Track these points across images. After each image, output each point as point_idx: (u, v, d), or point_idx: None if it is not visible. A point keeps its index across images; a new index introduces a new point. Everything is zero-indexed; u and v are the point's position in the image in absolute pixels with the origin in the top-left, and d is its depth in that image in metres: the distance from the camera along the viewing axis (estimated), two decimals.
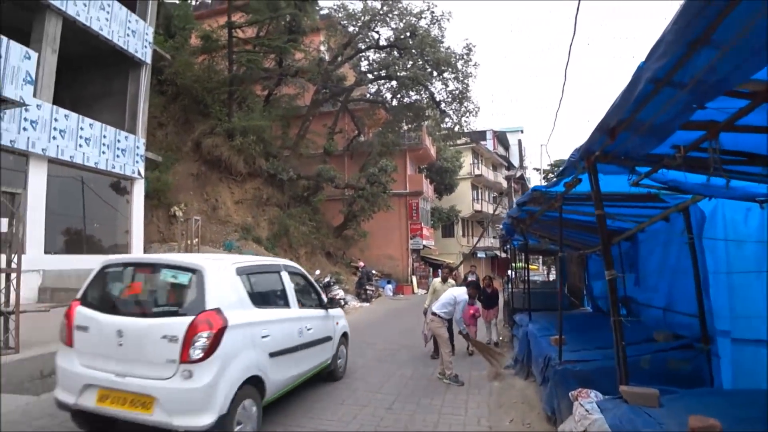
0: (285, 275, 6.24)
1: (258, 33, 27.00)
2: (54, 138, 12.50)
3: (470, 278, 14.12)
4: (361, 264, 22.82)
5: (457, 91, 26.39)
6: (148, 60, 16.23)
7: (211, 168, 23.42)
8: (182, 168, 22.66)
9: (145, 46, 16.04)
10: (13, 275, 6.28)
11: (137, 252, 15.25)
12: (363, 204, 25.94)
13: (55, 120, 12.59)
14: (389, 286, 27.37)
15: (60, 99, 14.11)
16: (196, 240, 19.93)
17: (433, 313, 8.03)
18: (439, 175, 39.54)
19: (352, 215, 27.07)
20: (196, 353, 4.18)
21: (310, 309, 6.68)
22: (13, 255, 6.30)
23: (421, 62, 25.44)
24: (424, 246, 33.53)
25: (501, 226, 11.83)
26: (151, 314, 4.59)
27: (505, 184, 51.61)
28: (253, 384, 4.75)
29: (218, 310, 4.44)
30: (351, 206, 26.97)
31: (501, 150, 56.46)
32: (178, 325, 4.25)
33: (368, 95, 30.71)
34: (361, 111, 30.85)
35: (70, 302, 4.93)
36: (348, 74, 29.49)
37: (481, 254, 44.59)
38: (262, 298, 5.46)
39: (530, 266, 27.96)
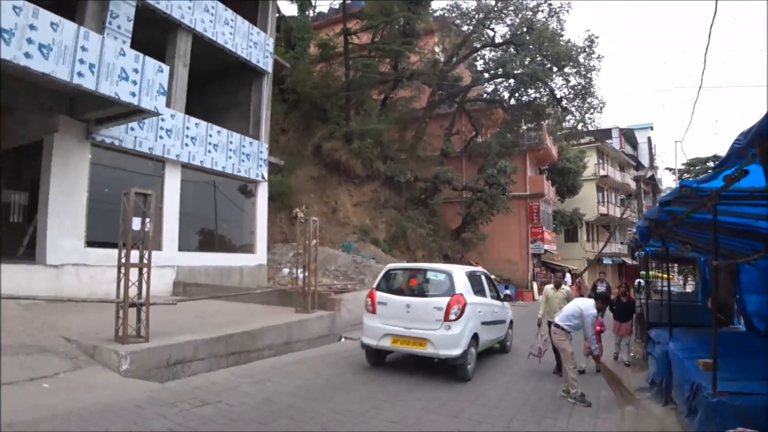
0: (483, 277, 9.67)
1: (373, 38, 27.36)
2: (186, 145, 13.32)
3: (599, 288, 12.64)
4: (479, 267, 22.11)
5: (579, 87, 24.88)
6: (269, 69, 16.86)
7: (330, 171, 23.99)
8: (303, 172, 23.43)
9: (266, 57, 16.67)
10: (145, 270, 6.57)
11: (261, 250, 15.89)
12: (481, 206, 25.29)
13: (187, 128, 13.42)
14: (508, 292, 26.38)
15: (192, 110, 15.14)
16: (315, 241, 20.46)
17: (556, 325, 7.27)
18: (561, 176, 37.58)
19: (471, 218, 26.48)
20: (452, 316, 7.48)
21: (495, 300, 9.77)
22: (144, 251, 6.59)
23: (539, 58, 24.29)
24: (546, 250, 32.04)
25: (634, 230, 10.61)
26: (426, 295, 8.08)
27: (633, 185, 48.32)
28: (474, 338, 7.88)
29: (461, 294, 7.75)
30: (469, 208, 26.42)
31: (628, 149, 52.90)
32: (442, 301, 7.62)
33: (485, 95, 29.88)
34: (479, 111, 30.15)
35: (370, 290, 8.55)
36: (464, 74, 28.94)
37: (607, 260, 41.89)
38: (475, 290, 8.64)
39: (663, 275, 25.30)
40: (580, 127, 26.33)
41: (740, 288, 9.51)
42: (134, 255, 6.58)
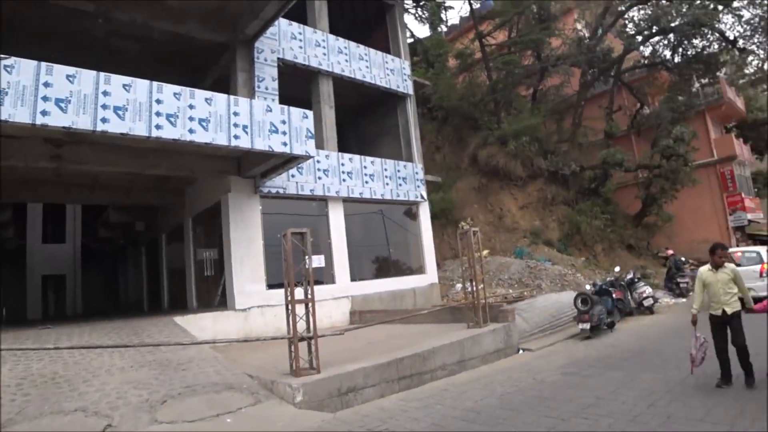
0: None
1: (509, 34, 26.68)
2: (344, 180, 14.13)
3: None
4: (670, 252, 20.00)
5: (756, 19, 21.50)
6: (410, 91, 17.24)
7: (490, 178, 23.61)
8: (463, 184, 23.41)
9: (405, 80, 17.10)
10: (311, 304, 7.00)
11: (430, 269, 16.14)
12: (662, 184, 22.76)
13: (342, 165, 14.24)
14: None
15: (347, 145, 16.19)
16: (480, 251, 20.14)
17: None
18: (755, 130, 32.65)
19: (651, 199, 23.99)
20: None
21: None
22: (308, 287, 7.04)
23: (698, 1, 21.48)
24: (750, 221, 27.83)
25: None
26: None
27: None
28: None
29: None
30: (648, 189, 23.99)
31: None
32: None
33: (643, 60, 27.23)
34: (639, 81, 27.53)
35: None
36: (614, 45, 26.68)
37: None
38: None
39: None
40: (766, 66, 22.53)
41: None
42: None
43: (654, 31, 23.66)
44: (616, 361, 8.78)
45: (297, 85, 14.36)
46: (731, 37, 22.73)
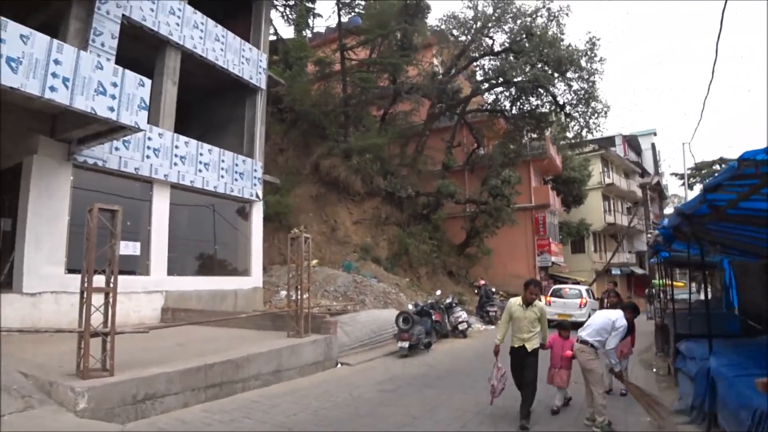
0: None
1: (371, 54, 27.08)
2: (175, 164, 12.82)
3: (608, 300, 11.80)
4: (482, 282, 21.52)
5: (582, 91, 24.31)
6: (263, 86, 16.42)
7: (329, 189, 23.48)
8: (302, 191, 22.96)
9: (260, 73, 16.26)
10: (112, 294, 6.00)
11: (256, 272, 15.33)
12: (486, 219, 24.65)
13: (176, 147, 12.93)
14: None
15: (188, 127, 14.81)
16: (308, 260, 19.81)
17: (583, 341, 6.37)
18: (566, 186, 36.82)
19: (475, 232, 25.80)
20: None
21: None
22: (111, 274, 6.03)
23: (540, 65, 23.73)
24: (553, 263, 31.21)
25: (656, 232, 9.57)
26: None
27: (639, 192, 47.65)
28: None
29: None
30: (473, 222, 25.78)
31: (632, 156, 52.24)
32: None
33: (485, 105, 29.38)
34: (480, 123, 29.65)
35: None
36: (463, 86, 28.46)
37: (616, 271, 41.09)
38: None
39: (675, 283, 24.75)
40: (584, 133, 25.56)
41: None
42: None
43: (499, 81, 25.53)
44: (431, 380, 8.93)
45: (141, 51, 12.84)
46: (561, 102, 25.36)
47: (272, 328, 10.47)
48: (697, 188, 49.49)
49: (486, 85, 26.99)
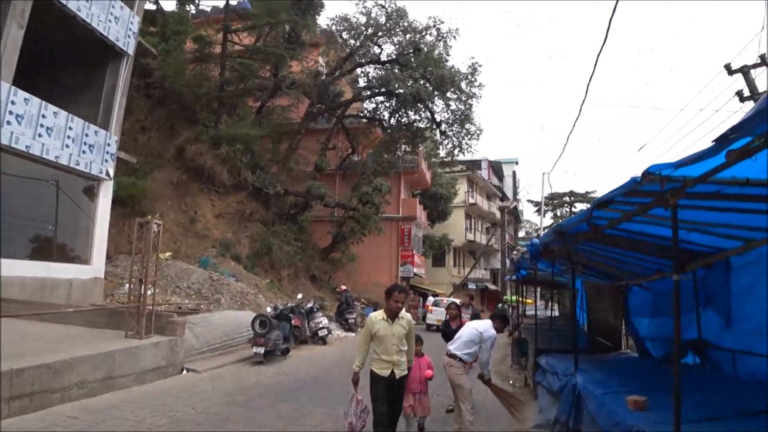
0: None
1: (255, 42, 25.74)
2: (9, 123, 10.82)
3: (465, 314, 11.75)
4: (343, 287, 21.27)
5: (459, 112, 24.93)
6: (131, 51, 14.67)
7: (192, 177, 21.78)
8: (162, 175, 21.04)
9: (129, 36, 14.50)
10: None
11: (98, 261, 13.56)
12: (353, 225, 24.39)
13: (12, 103, 10.90)
14: None
15: (35, 87, 12.51)
16: (169, 254, 18.27)
17: (452, 355, 6.05)
18: (433, 201, 38.02)
19: (341, 237, 25.46)
20: None
21: None
22: None
23: (423, 81, 23.98)
24: (415, 274, 31.85)
25: (523, 248, 9.57)
26: None
27: (498, 214, 50.51)
28: None
29: None
30: (340, 227, 25.43)
31: (495, 180, 55.40)
32: None
33: (365, 112, 29.20)
34: (357, 129, 29.46)
35: None
36: (345, 90, 28.08)
37: (471, 285, 43.07)
38: None
39: (526, 300, 26.63)
40: (456, 152, 26.08)
41: (629, 311, 9.07)
42: None
43: (382, 90, 25.36)
44: (287, 392, 8.30)
45: None
46: (438, 120, 25.76)
47: (109, 326, 9.11)
48: (549, 215, 53.78)
49: (368, 92, 26.77)
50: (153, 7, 23.50)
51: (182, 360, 9.01)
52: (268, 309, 13.74)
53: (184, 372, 8.86)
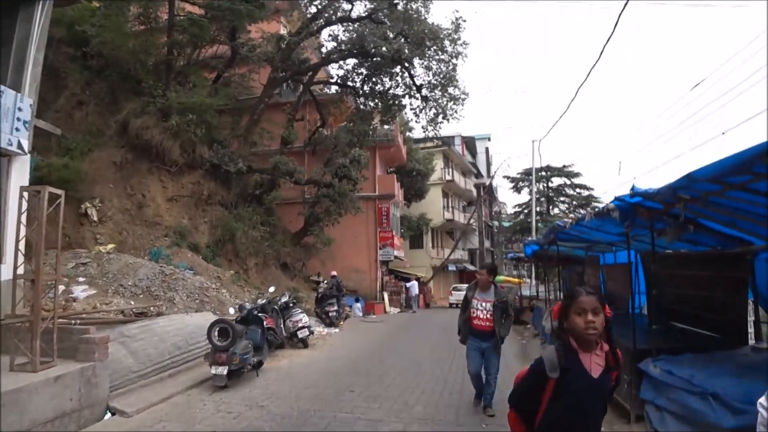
0: None
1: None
2: None
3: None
4: (333, 273, 18.95)
5: (441, 75, 22.13)
6: None
7: (139, 156, 18.61)
8: (103, 155, 17.89)
9: None
10: None
11: (11, 258, 10.60)
12: (328, 204, 21.56)
13: None
14: (358, 305, 23.06)
15: None
16: (112, 246, 15.42)
17: None
18: (409, 178, 35.45)
19: (315, 218, 22.59)
20: None
21: None
22: None
23: (402, 39, 21.05)
24: (395, 257, 29.31)
25: (595, 208, 7.10)
26: None
27: (474, 192, 48.53)
28: None
29: None
30: (313, 208, 22.63)
31: (469, 157, 53.26)
32: None
33: (336, 78, 26.17)
34: (327, 99, 26.52)
35: None
36: (311, 59, 25.03)
37: (451, 267, 40.99)
38: None
39: (511, 279, 24.43)
40: (440, 119, 23.12)
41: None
42: None
43: (354, 51, 22.45)
44: None
45: None
46: (419, 83, 22.92)
47: None
48: (525, 191, 51.86)
49: (338, 54, 23.74)
50: None
51: (106, 396, 6.22)
52: (231, 310, 10.99)
53: (108, 416, 6.06)
